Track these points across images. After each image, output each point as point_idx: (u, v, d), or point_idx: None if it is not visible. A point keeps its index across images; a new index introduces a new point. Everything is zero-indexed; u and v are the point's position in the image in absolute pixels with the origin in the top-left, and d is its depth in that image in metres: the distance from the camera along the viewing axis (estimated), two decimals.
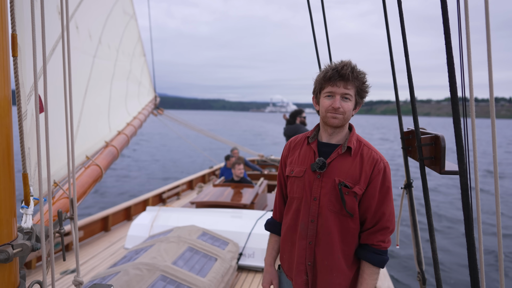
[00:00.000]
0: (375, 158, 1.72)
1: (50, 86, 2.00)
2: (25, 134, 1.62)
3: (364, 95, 1.74)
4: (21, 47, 1.64)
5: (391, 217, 1.74)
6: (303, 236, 1.78)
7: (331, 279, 1.75)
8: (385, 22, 2.06)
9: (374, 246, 1.73)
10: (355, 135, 1.78)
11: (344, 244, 1.75)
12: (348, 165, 1.72)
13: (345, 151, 1.74)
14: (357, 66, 1.71)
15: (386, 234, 1.73)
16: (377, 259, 1.73)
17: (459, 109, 1.23)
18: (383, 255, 1.73)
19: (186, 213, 4.83)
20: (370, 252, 1.74)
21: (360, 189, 1.69)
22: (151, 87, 6.98)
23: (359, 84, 1.70)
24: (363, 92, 1.73)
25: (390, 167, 1.75)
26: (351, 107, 1.71)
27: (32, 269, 4.31)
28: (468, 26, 1.10)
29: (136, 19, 5.68)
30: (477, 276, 1.24)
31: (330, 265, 1.74)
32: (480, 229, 1.21)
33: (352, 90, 1.69)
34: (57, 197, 1.96)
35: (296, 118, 6.61)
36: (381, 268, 1.76)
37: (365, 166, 1.71)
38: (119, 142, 3.36)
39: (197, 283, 3.03)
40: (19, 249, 1.27)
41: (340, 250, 1.74)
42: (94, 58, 3.29)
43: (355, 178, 1.70)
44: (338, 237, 1.73)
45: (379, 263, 1.73)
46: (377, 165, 1.71)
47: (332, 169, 1.72)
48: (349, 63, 1.69)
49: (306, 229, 1.77)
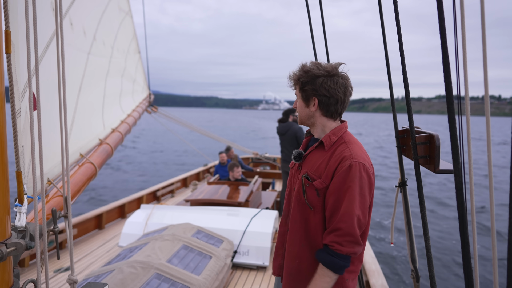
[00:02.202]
0: (344, 154, 1.67)
1: (45, 83, 1.98)
2: (19, 131, 1.61)
3: (310, 88, 1.74)
4: (15, 44, 1.63)
5: (346, 218, 1.60)
6: (282, 223, 1.96)
7: (294, 266, 1.81)
8: (380, 21, 2.06)
9: (329, 246, 1.64)
10: (337, 131, 1.78)
11: (308, 235, 1.77)
12: (318, 159, 1.76)
13: (320, 145, 1.79)
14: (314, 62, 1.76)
15: (341, 236, 1.61)
16: (327, 260, 1.64)
17: (454, 108, 1.23)
18: (336, 257, 1.62)
19: (180, 211, 4.82)
20: (323, 251, 1.67)
21: (320, 183, 1.69)
22: (145, 84, 6.95)
23: (299, 78, 1.76)
24: (305, 86, 1.75)
25: (366, 168, 1.65)
26: (299, 105, 1.82)
27: (25, 267, 4.28)
28: (464, 24, 1.10)
29: (132, 15, 5.64)
30: (471, 275, 1.24)
31: (294, 251, 1.80)
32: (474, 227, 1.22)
33: (296, 89, 1.82)
34: (51, 195, 1.95)
35: (289, 116, 6.73)
36: (335, 273, 1.64)
37: (331, 161, 1.69)
38: (113, 140, 3.34)
39: (191, 281, 3.03)
40: (13, 248, 1.26)
41: (304, 239, 1.77)
42: (88, 55, 3.26)
43: (320, 172, 1.72)
44: (302, 226, 1.78)
45: (328, 265, 1.63)
46: (343, 161, 1.65)
47: (306, 162, 1.82)
48: (303, 64, 1.78)
49: (286, 217, 1.93)
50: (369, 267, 3.94)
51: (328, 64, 1.76)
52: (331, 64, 1.75)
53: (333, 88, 1.72)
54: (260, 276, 3.97)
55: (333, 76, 1.72)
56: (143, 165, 21.46)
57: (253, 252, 4.14)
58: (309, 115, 1.81)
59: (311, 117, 1.81)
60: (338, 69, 1.74)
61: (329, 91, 1.72)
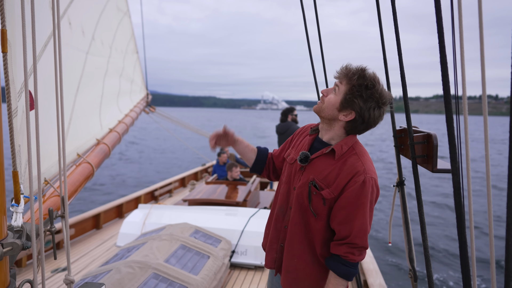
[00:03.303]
0: (357, 168, 1.62)
1: (43, 82, 1.97)
2: (16, 131, 1.60)
3: (355, 99, 1.60)
4: (12, 42, 1.62)
5: (361, 234, 1.62)
6: (279, 218, 1.89)
7: (292, 264, 1.81)
8: (378, 21, 2.06)
9: (342, 257, 1.66)
10: (349, 141, 1.71)
11: (308, 237, 1.76)
12: (327, 167, 1.69)
13: (330, 152, 1.71)
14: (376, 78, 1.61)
15: (354, 248, 1.64)
16: (343, 271, 1.66)
17: (451, 107, 1.23)
18: (350, 267, 1.66)
19: (178, 210, 4.82)
20: (336, 262, 1.67)
21: (329, 193, 1.65)
22: (143, 84, 6.94)
23: (354, 84, 1.60)
24: (354, 98, 1.59)
25: (377, 182, 1.64)
26: (332, 100, 1.66)
27: (22, 267, 4.27)
28: (461, 24, 1.10)
29: (130, 15, 5.63)
30: (468, 274, 1.24)
31: (293, 251, 1.80)
32: (472, 228, 1.22)
33: (342, 86, 1.64)
34: (48, 195, 1.94)
35: (287, 116, 6.75)
36: (349, 281, 1.69)
37: (343, 173, 1.64)
38: (110, 140, 3.34)
39: (189, 281, 3.03)
40: (9, 248, 1.25)
41: (305, 241, 1.77)
42: (87, 54, 3.26)
43: (328, 182, 1.66)
44: (302, 229, 1.77)
45: (344, 275, 1.66)
46: (356, 176, 1.61)
47: (313, 166, 1.73)
48: (364, 68, 1.62)
49: (283, 213, 1.86)
50: (367, 267, 3.94)
51: (383, 89, 1.63)
52: (385, 92, 1.64)
53: (375, 118, 1.65)
54: (258, 276, 3.96)
55: (382, 107, 1.63)
56: (142, 164, 21.43)
57: (251, 251, 4.14)
58: (334, 118, 1.69)
59: (334, 120, 1.70)
60: (389, 100, 1.65)
61: (370, 118, 1.63)
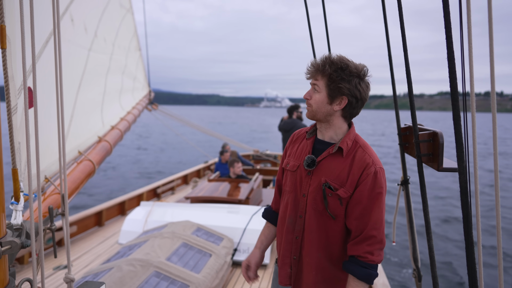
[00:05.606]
0: (366, 161, 1.61)
1: (44, 79, 1.96)
2: (15, 128, 1.58)
3: (344, 87, 1.56)
4: (11, 39, 1.60)
5: (378, 225, 1.59)
6: (290, 230, 1.78)
7: (312, 276, 1.73)
8: (383, 18, 2.03)
9: (361, 259, 1.61)
10: (352, 135, 1.69)
11: (327, 244, 1.69)
12: (337, 166, 1.65)
13: (337, 151, 1.67)
14: (343, 58, 1.58)
15: (373, 245, 1.59)
16: (363, 273, 1.59)
17: (459, 105, 1.20)
18: (370, 269, 1.60)
19: (180, 208, 4.80)
20: (355, 264, 1.62)
21: (345, 192, 1.62)
22: (146, 82, 6.93)
23: (331, 72, 1.56)
24: (339, 83, 1.56)
25: (384, 173, 1.63)
26: (319, 99, 1.63)
27: (24, 264, 4.26)
28: (470, 19, 1.08)
29: (133, 12, 5.62)
30: (475, 275, 1.22)
31: (311, 262, 1.71)
32: (479, 227, 1.19)
33: (320, 81, 1.62)
34: (49, 193, 1.92)
35: (293, 113, 6.74)
36: (369, 284, 1.62)
37: (354, 169, 1.62)
38: (112, 137, 3.32)
39: (191, 279, 3.01)
40: (8, 247, 1.23)
41: (322, 249, 1.69)
42: (89, 51, 3.24)
43: (341, 180, 1.63)
44: (320, 236, 1.69)
45: (364, 278, 1.60)
46: (367, 168, 1.60)
47: (321, 168, 1.68)
48: (328, 55, 1.59)
49: (293, 223, 1.76)
50: None
51: (354, 63, 1.61)
52: (358, 64, 1.62)
53: (365, 91, 1.61)
54: (260, 274, 3.95)
55: (364, 77, 1.61)
56: (143, 162, 21.46)
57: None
58: (330, 113, 1.65)
59: (331, 115, 1.66)
60: (366, 69, 1.62)
61: (361, 93, 1.60)
